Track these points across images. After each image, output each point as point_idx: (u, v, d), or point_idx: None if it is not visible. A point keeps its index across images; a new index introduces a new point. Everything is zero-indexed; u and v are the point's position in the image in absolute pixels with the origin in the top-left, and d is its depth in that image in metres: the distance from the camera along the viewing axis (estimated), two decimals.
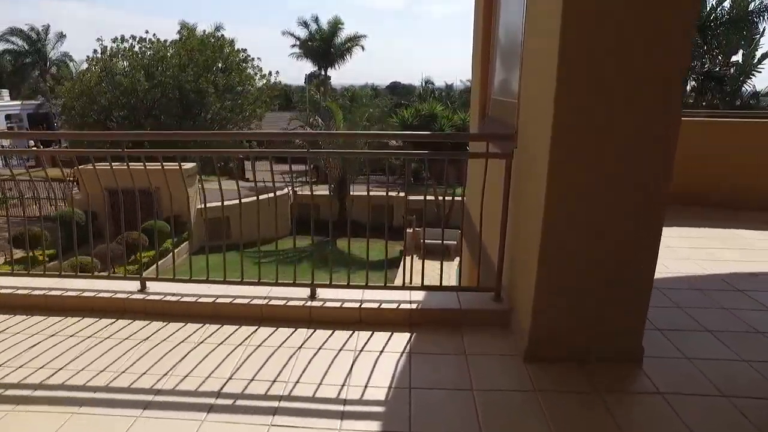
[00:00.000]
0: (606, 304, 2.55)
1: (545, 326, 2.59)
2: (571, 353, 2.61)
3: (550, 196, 2.37)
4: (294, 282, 3.23)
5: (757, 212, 5.83)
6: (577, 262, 2.49)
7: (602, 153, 2.32)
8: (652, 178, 2.35)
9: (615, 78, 2.22)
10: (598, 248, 2.47)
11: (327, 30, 37.43)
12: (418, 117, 19.73)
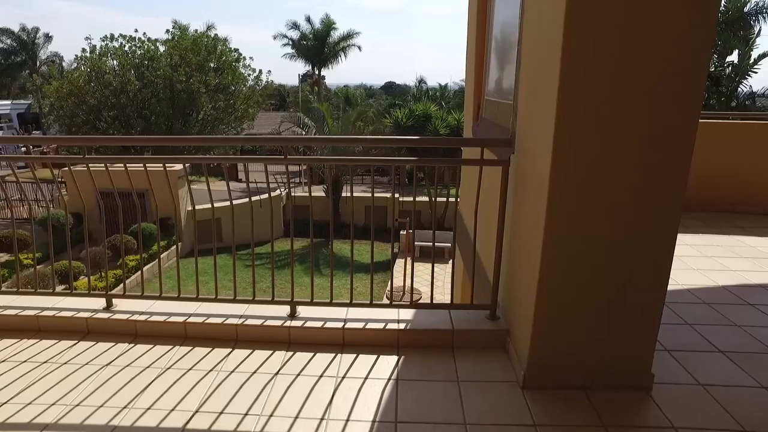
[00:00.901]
0: (613, 325, 2.31)
1: (546, 350, 2.35)
2: (574, 380, 2.37)
3: (552, 206, 2.13)
4: (272, 299, 2.97)
5: (759, 217, 5.65)
6: (582, 280, 2.25)
7: (611, 160, 2.08)
8: (665, 187, 2.11)
9: (626, 79, 1.98)
10: (605, 264, 2.22)
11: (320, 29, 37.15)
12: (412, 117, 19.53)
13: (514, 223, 2.64)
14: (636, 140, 2.05)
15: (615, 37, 1.94)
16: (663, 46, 1.94)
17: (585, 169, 2.09)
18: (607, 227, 2.17)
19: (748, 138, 5.84)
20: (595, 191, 2.12)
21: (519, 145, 2.60)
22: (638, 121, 2.03)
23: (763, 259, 4.32)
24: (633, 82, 1.99)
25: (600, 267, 2.23)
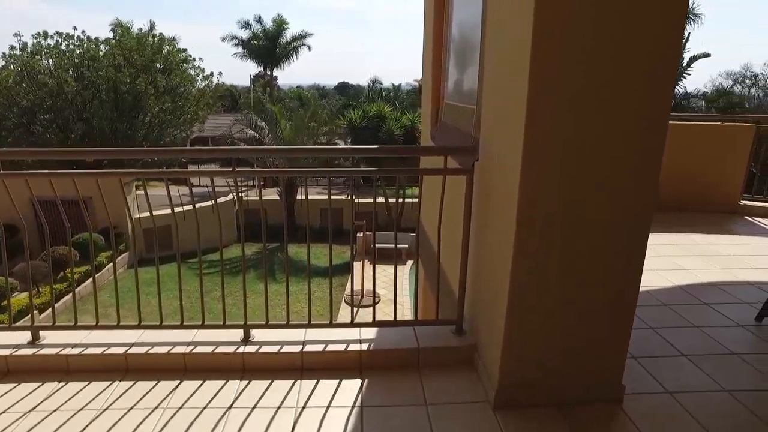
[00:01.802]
0: (586, 338, 2.24)
1: (517, 367, 2.25)
2: (547, 397, 2.29)
3: (522, 215, 2.02)
4: (224, 323, 2.74)
5: (704, 214, 5.85)
6: (554, 291, 2.16)
7: (583, 166, 1.99)
8: (637, 192, 2.04)
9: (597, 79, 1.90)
10: (577, 274, 2.14)
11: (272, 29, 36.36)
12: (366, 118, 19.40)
13: (480, 233, 2.54)
14: (607, 144, 1.98)
15: (585, 37, 1.85)
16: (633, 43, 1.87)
17: (556, 176, 1.99)
18: (579, 235, 2.09)
19: (689, 138, 6.03)
20: (567, 198, 2.03)
21: (483, 152, 2.49)
22: (609, 124, 1.96)
23: (712, 257, 4.44)
24: (604, 81, 1.91)
25: (573, 277, 2.15)
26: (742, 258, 4.42)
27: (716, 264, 4.26)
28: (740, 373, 2.64)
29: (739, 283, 3.85)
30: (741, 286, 3.81)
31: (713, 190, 5.99)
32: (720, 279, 3.92)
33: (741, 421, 2.28)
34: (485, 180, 2.44)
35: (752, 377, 2.60)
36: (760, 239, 5.07)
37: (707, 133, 6.15)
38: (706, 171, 5.96)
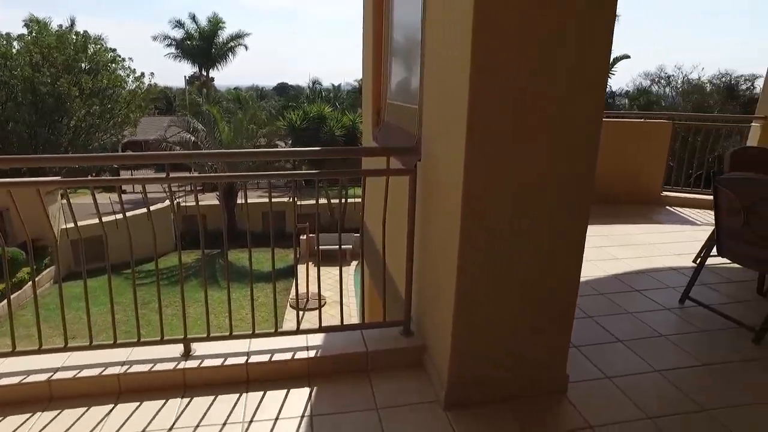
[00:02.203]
0: (531, 332, 2.29)
1: (466, 365, 2.27)
2: (497, 393, 2.32)
3: (466, 213, 2.04)
4: (162, 339, 2.59)
5: (631, 205, 6.21)
6: (500, 287, 2.19)
7: (524, 161, 2.04)
8: (576, 188, 2.12)
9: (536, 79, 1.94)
10: (522, 269, 2.19)
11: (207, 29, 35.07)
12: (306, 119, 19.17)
13: (425, 232, 2.54)
14: (547, 139, 2.03)
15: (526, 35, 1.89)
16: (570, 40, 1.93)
17: (498, 172, 2.02)
18: (523, 230, 2.13)
19: (616, 134, 6.38)
20: (510, 193, 2.07)
21: (426, 151, 2.50)
22: (549, 120, 2.01)
23: (640, 246, 4.71)
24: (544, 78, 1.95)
25: (517, 272, 2.19)
26: (666, 245, 4.72)
27: (644, 252, 4.52)
28: (668, 353, 2.81)
29: (664, 269, 4.10)
30: (666, 272, 4.06)
31: (638, 182, 6.37)
32: (648, 266, 4.16)
33: (669, 396, 2.42)
34: (429, 179, 2.45)
35: (677, 356, 2.77)
36: (680, 227, 5.44)
37: (632, 129, 6.53)
38: (632, 165, 6.32)
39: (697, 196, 6.35)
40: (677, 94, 22.35)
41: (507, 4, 1.83)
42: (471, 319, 2.20)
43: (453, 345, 2.22)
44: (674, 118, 6.56)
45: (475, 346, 2.26)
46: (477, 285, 2.16)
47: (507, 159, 2.01)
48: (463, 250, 2.08)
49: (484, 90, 1.90)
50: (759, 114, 5.83)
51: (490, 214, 2.07)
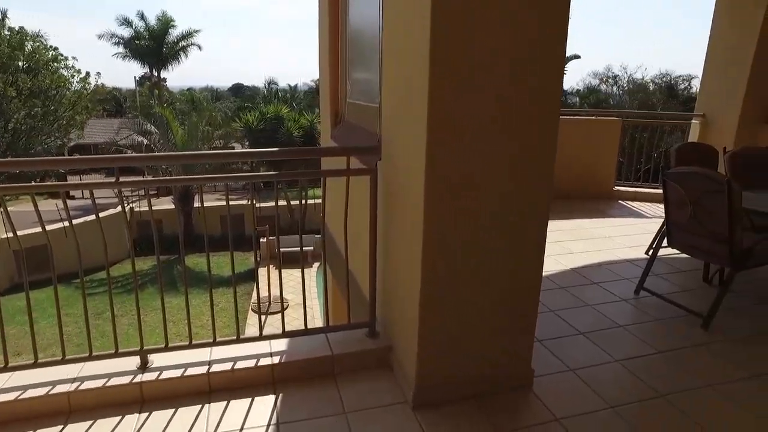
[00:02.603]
0: (496, 328, 2.31)
1: (432, 364, 2.27)
2: (464, 391, 2.33)
3: (429, 213, 2.03)
4: (116, 351, 2.46)
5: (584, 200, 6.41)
6: (465, 285, 2.20)
7: (485, 158, 2.04)
8: (536, 186, 2.15)
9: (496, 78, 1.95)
10: (485, 265, 2.20)
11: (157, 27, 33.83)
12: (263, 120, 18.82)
13: (388, 233, 2.52)
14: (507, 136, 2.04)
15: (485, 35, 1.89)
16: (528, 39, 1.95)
17: (460, 169, 2.02)
18: (486, 227, 2.14)
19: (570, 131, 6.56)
20: (472, 191, 2.07)
21: (386, 152, 2.48)
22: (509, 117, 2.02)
23: (595, 239, 4.86)
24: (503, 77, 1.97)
25: (481, 269, 2.20)
26: (620, 238, 4.89)
27: (600, 245, 4.67)
28: (626, 343, 2.91)
29: (619, 262, 4.25)
30: (621, 264, 4.21)
31: (592, 178, 6.58)
32: (604, 259, 4.30)
33: (628, 385, 2.50)
34: (390, 178, 2.43)
35: (635, 346, 2.87)
36: (632, 220, 5.66)
37: (584, 127, 6.74)
38: (586, 161, 6.53)
39: (647, 190, 6.62)
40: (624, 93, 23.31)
41: (464, 6, 1.83)
42: (436, 318, 2.20)
43: (419, 345, 2.21)
44: (623, 116, 6.82)
45: (442, 346, 2.26)
46: (441, 285, 2.16)
47: (468, 158, 2.02)
48: (427, 249, 2.08)
49: (444, 88, 1.90)
50: (697, 112, 6.14)
51: (451, 215, 2.07)
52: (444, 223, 2.06)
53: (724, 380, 2.54)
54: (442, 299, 2.18)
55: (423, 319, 2.18)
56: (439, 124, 1.93)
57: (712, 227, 3.10)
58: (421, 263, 2.09)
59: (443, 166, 1.99)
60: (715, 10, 5.83)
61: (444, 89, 1.90)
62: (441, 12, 1.81)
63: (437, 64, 1.86)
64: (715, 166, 4.46)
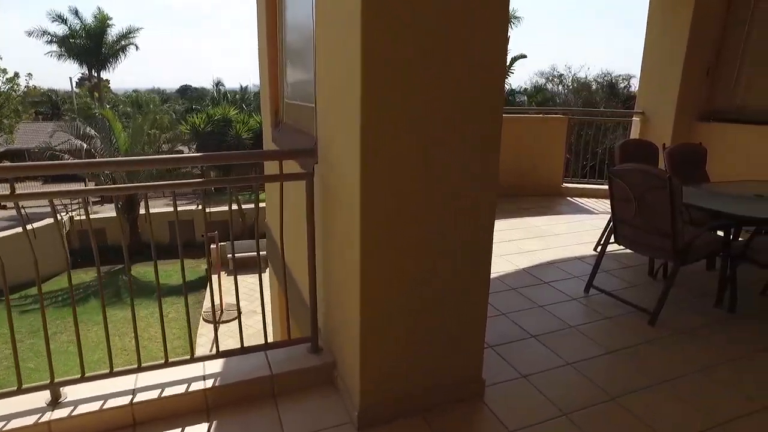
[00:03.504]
0: (443, 338, 2.19)
1: (377, 379, 2.12)
2: (413, 407, 2.19)
3: (366, 221, 1.88)
4: (19, 387, 2.16)
5: (536, 198, 6.47)
6: (408, 293, 2.06)
7: (425, 158, 1.91)
8: (480, 189, 2.03)
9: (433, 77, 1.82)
10: (429, 272, 2.07)
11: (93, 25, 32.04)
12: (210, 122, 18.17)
13: (327, 239, 2.36)
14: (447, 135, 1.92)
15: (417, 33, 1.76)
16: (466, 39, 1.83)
17: (398, 172, 1.88)
18: (429, 231, 2.01)
19: (520, 130, 6.62)
20: (414, 199, 1.94)
21: (323, 155, 2.31)
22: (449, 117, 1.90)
23: (547, 237, 4.87)
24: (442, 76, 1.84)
25: (424, 276, 2.07)
26: (569, 235, 4.92)
27: (551, 243, 4.67)
28: (577, 344, 2.86)
29: (570, 259, 4.25)
30: (571, 261, 4.21)
31: (541, 176, 6.65)
32: (555, 257, 4.29)
33: (581, 389, 2.44)
34: (327, 183, 2.26)
35: (586, 347, 2.83)
36: (580, 216, 5.73)
37: (532, 125, 6.80)
38: (534, 159, 6.59)
39: (593, 186, 6.76)
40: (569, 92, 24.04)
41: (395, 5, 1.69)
42: (379, 331, 2.05)
43: (361, 360, 2.06)
44: (569, 114, 6.93)
45: (386, 360, 2.12)
46: (383, 295, 2.02)
47: (406, 159, 1.88)
48: (365, 256, 1.92)
49: (378, 89, 1.75)
50: (638, 109, 6.31)
51: (391, 221, 1.93)
52: (382, 230, 1.92)
53: (673, 376, 2.53)
54: (384, 312, 2.03)
55: (364, 331, 2.02)
56: (373, 125, 1.78)
57: (656, 223, 3.11)
58: (360, 271, 1.94)
59: (379, 169, 1.84)
60: (649, 11, 6.00)
61: (378, 90, 1.75)
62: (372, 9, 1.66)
63: (370, 63, 1.71)
64: (656, 161, 4.55)
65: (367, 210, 1.87)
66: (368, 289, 1.97)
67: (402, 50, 1.75)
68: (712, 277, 3.83)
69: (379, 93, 1.76)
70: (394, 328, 2.08)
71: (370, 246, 1.92)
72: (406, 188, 1.91)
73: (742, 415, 2.26)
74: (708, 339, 2.93)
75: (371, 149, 1.80)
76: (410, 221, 1.96)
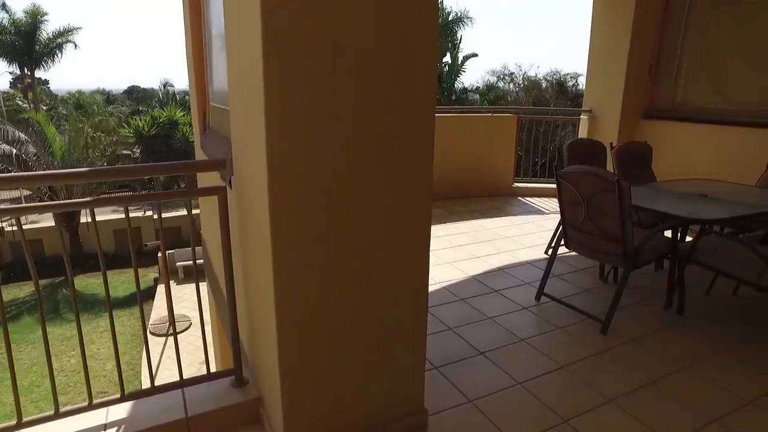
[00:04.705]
0: (376, 365, 1.95)
1: (304, 418, 1.86)
2: None
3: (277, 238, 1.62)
4: None
5: (487, 198, 6.36)
6: (333, 320, 1.81)
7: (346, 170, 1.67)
8: (413, 193, 1.81)
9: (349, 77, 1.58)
10: (357, 297, 1.83)
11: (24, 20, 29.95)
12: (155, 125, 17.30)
13: (247, 261, 2.07)
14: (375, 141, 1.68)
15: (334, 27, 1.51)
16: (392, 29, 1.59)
17: (315, 187, 1.63)
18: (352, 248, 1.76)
19: (470, 129, 6.50)
20: (333, 212, 1.69)
21: (237, 165, 2.03)
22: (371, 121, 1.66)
23: (497, 240, 4.73)
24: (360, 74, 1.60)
25: (352, 302, 1.82)
26: (520, 238, 4.81)
27: (501, 247, 4.54)
28: (528, 360, 2.69)
29: (520, 264, 4.12)
30: (522, 266, 4.08)
31: (492, 176, 6.55)
32: (505, 262, 4.15)
33: (532, 412, 2.26)
34: (241, 198, 1.98)
35: (537, 363, 2.66)
36: (531, 217, 5.64)
37: (482, 124, 6.69)
38: (484, 159, 6.48)
39: (544, 185, 6.72)
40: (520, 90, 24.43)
41: None
42: (299, 359, 1.79)
43: (283, 394, 1.79)
44: (520, 112, 6.88)
45: (313, 394, 1.86)
46: (303, 321, 1.76)
47: (321, 168, 1.63)
48: (279, 277, 1.66)
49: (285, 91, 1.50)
50: (585, 108, 6.31)
51: (306, 238, 1.67)
52: (296, 248, 1.66)
53: (626, 391, 2.40)
54: (304, 340, 1.77)
55: (283, 361, 1.76)
56: (281, 132, 1.52)
57: (605, 227, 2.99)
58: (274, 292, 1.67)
59: (291, 183, 1.58)
60: (593, 10, 5.99)
61: (284, 92, 1.49)
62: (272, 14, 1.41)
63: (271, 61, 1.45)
64: (605, 160, 4.50)
65: (277, 229, 1.61)
66: (284, 314, 1.70)
67: (311, 45, 1.50)
68: (661, 276, 3.79)
69: (286, 99, 1.50)
70: (317, 357, 1.82)
71: (283, 271, 1.66)
72: (321, 203, 1.66)
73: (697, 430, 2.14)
74: (658, 347, 2.83)
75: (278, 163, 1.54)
76: (328, 238, 1.71)
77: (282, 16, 1.44)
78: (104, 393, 9.51)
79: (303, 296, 1.72)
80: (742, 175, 4.15)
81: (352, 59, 1.56)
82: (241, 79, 1.82)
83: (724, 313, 3.31)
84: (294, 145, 1.55)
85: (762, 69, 4.81)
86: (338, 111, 1.59)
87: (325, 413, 1.90)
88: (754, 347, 2.84)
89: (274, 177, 1.54)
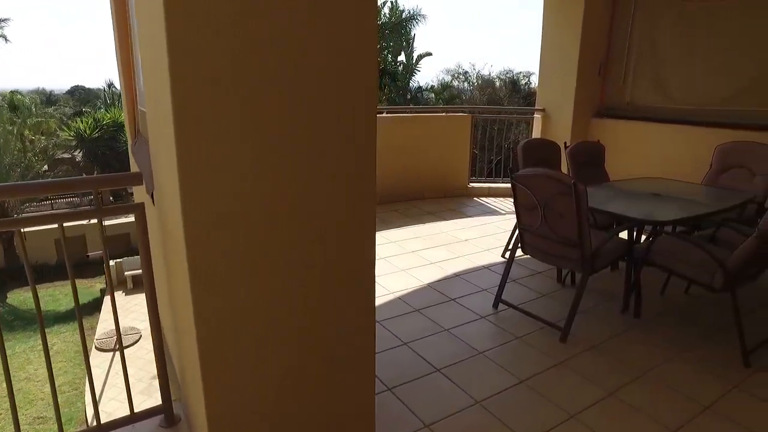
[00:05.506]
0: (317, 393, 1.75)
1: None
2: None
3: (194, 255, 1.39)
4: None
5: (443, 200, 6.26)
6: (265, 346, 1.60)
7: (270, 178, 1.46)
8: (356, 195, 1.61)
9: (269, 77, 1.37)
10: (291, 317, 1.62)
11: None
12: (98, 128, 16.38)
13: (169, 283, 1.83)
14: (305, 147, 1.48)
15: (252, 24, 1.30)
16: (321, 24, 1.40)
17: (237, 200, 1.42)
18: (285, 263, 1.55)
19: (423, 129, 6.38)
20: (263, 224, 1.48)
21: (156, 179, 1.78)
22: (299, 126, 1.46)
23: (453, 244, 4.61)
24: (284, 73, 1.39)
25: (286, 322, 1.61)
26: (476, 241, 4.71)
27: (458, 251, 4.41)
28: (487, 375, 2.55)
29: (476, 269, 4.01)
30: (479, 271, 3.97)
31: (447, 176, 6.45)
32: (462, 267, 4.03)
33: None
34: (161, 214, 1.74)
35: (496, 378, 2.53)
36: (487, 218, 5.56)
37: (435, 124, 6.57)
38: (439, 159, 6.37)
39: (500, 185, 6.67)
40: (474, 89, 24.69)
41: None
42: (231, 397, 1.57)
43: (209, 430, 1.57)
44: (475, 111, 6.81)
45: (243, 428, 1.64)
46: (229, 348, 1.53)
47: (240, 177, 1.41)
48: (198, 299, 1.43)
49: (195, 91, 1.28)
50: (538, 106, 6.31)
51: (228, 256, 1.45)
52: (216, 267, 1.43)
53: (586, 405, 2.30)
54: (229, 365, 1.55)
55: (209, 395, 1.53)
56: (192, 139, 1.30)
57: (562, 231, 2.90)
58: (194, 317, 1.44)
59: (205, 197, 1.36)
60: (544, 10, 5.99)
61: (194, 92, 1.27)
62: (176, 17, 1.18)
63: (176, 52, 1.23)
64: (559, 160, 4.45)
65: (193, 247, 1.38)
66: (206, 340, 1.47)
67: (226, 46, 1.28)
68: (617, 277, 3.77)
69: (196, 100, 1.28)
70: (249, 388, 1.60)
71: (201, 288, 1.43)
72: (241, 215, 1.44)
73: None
74: (617, 354, 2.76)
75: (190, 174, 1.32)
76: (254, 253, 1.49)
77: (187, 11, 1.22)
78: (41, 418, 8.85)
79: (226, 321, 1.49)
80: (688, 174, 4.19)
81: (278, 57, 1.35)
82: (150, 81, 1.58)
83: (680, 313, 3.30)
84: (210, 154, 1.33)
85: (703, 70, 4.90)
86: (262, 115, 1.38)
87: None
88: (711, 345, 2.82)
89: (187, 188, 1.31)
